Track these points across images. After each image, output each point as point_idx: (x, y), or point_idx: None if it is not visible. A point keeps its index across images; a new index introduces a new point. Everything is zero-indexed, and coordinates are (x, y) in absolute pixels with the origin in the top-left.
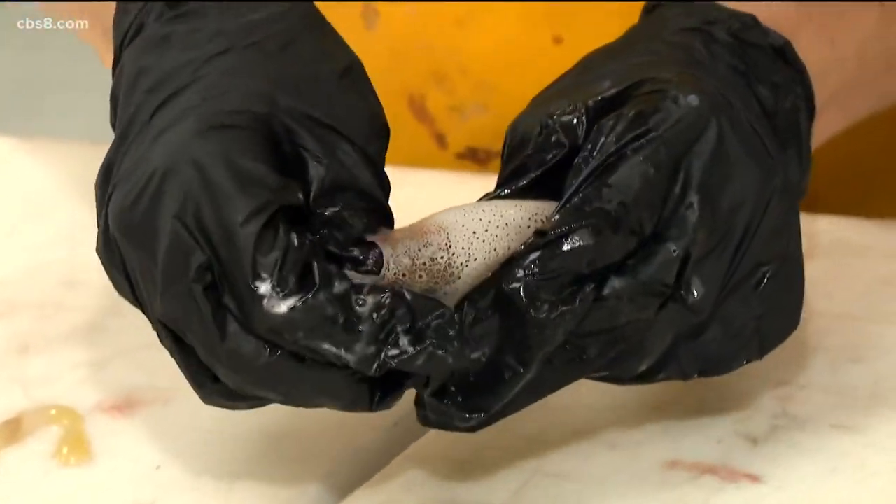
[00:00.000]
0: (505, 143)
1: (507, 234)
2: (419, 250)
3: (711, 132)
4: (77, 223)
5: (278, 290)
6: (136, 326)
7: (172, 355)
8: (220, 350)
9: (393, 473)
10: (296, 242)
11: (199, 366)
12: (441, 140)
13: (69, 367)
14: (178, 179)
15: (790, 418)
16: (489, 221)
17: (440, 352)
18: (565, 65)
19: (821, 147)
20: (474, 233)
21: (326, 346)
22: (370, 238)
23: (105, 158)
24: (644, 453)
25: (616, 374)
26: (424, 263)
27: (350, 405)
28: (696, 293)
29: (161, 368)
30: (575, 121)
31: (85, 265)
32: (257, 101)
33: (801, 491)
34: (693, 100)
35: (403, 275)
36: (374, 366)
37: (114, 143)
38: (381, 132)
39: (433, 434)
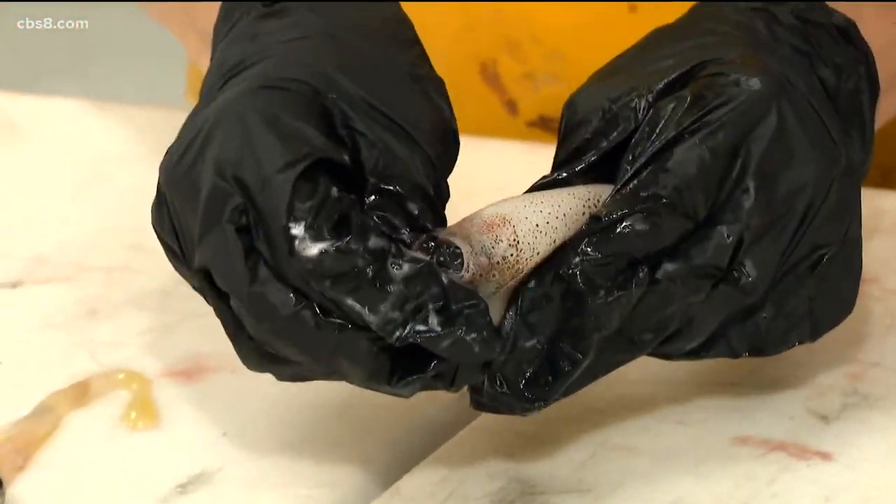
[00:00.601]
0: (562, 119)
1: (566, 225)
2: (492, 248)
3: (772, 117)
4: (145, 187)
5: (311, 232)
6: None
7: (214, 310)
8: (248, 294)
9: (459, 445)
10: (335, 194)
11: (236, 320)
12: (512, 107)
13: (137, 332)
14: (221, 131)
15: (861, 396)
16: (549, 213)
17: (468, 338)
18: (639, 33)
19: (889, 125)
20: (537, 226)
21: (351, 301)
22: (441, 236)
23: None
24: (713, 429)
25: (665, 353)
26: (498, 262)
27: (369, 375)
28: (749, 275)
29: None
30: (637, 107)
31: (152, 229)
32: (316, 78)
33: (871, 469)
34: (755, 83)
35: (480, 275)
36: (397, 333)
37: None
38: (445, 139)
39: None
